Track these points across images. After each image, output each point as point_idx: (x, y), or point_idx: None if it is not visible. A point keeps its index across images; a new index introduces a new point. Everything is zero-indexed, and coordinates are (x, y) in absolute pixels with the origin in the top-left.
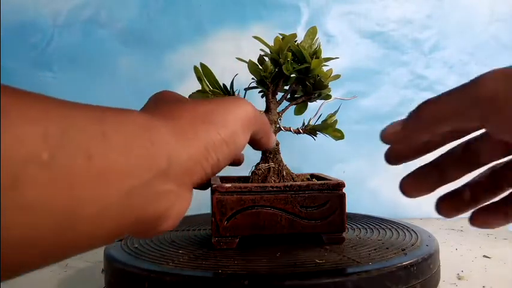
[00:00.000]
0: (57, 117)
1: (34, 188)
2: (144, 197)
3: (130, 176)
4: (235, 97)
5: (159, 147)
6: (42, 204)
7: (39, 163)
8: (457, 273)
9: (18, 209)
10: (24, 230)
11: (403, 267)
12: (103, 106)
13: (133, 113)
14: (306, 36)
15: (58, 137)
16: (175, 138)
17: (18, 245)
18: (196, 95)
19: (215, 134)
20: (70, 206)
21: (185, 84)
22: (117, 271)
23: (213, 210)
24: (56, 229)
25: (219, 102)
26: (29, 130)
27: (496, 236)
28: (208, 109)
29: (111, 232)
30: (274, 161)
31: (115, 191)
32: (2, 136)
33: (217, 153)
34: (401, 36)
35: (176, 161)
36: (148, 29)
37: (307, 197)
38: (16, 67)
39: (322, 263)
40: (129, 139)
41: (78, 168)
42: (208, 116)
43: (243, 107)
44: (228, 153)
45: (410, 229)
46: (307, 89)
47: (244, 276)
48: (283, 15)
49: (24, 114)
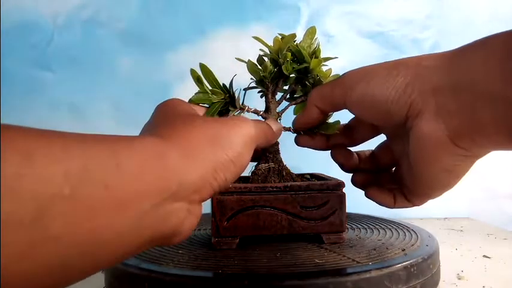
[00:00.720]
0: (76, 155)
1: (58, 219)
2: (156, 218)
3: (143, 201)
4: (238, 118)
5: (170, 171)
6: (66, 234)
7: (61, 197)
8: (457, 273)
9: (45, 239)
10: (51, 258)
11: (403, 267)
12: (117, 136)
13: (144, 140)
14: (305, 36)
15: (78, 173)
16: (185, 160)
17: (46, 273)
18: (196, 97)
19: (222, 155)
20: (91, 233)
21: (185, 84)
22: (117, 271)
23: (213, 210)
24: (78, 256)
25: (224, 124)
26: (52, 170)
27: (496, 236)
28: (216, 131)
29: (128, 252)
30: (274, 161)
31: (130, 216)
32: (29, 177)
33: (225, 173)
34: (401, 36)
35: (186, 182)
36: (148, 29)
37: (307, 197)
38: (16, 67)
39: (322, 263)
40: (141, 167)
41: (96, 198)
42: (216, 138)
43: (245, 128)
44: (234, 171)
45: (410, 229)
46: (306, 88)
47: (244, 276)
48: (282, 15)
49: (47, 155)
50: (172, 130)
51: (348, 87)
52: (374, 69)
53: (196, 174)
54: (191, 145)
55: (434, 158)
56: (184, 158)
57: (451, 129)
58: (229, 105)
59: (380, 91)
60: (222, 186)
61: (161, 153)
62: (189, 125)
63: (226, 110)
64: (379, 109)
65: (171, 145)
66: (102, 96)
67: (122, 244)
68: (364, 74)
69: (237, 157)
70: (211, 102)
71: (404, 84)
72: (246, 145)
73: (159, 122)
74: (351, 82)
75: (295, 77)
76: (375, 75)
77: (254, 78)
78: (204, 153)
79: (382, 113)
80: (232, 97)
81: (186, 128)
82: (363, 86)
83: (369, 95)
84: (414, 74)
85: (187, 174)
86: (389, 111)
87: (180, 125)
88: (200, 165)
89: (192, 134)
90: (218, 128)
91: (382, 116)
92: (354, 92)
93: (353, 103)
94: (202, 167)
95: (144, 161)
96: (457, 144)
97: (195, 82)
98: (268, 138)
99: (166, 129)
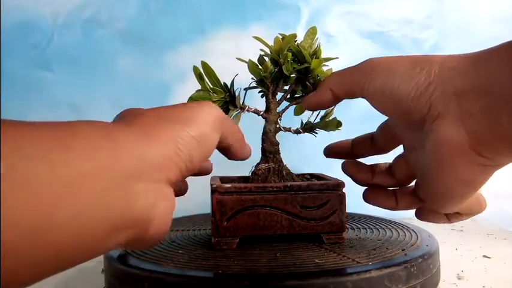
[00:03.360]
0: (11, 137)
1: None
2: (119, 198)
3: (96, 179)
4: (201, 101)
5: (122, 149)
6: (5, 216)
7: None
8: (457, 273)
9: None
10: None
11: (403, 267)
12: (69, 122)
13: (90, 123)
14: (306, 36)
15: (14, 152)
16: (141, 139)
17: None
18: (197, 95)
19: (183, 132)
20: (39, 213)
21: (185, 84)
22: (117, 271)
23: (213, 210)
24: (27, 239)
25: (185, 106)
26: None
27: (496, 236)
28: (173, 111)
29: (97, 237)
30: (274, 161)
31: (84, 194)
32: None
33: (188, 149)
34: (401, 36)
35: (144, 159)
36: (148, 29)
37: (307, 197)
38: (16, 67)
39: (322, 263)
40: (89, 145)
41: (41, 176)
42: (173, 116)
43: (210, 110)
44: (199, 150)
45: (410, 229)
46: (307, 89)
47: (244, 276)
48: (283, 15)
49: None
50: (124, 120)
51: (368, 75)
52: (397, 61)
53: (155, 152)
54: (148, 126)
55: (451, 166)
56: (140, 137)
57: (471, 134)
58: (229, 104)
59: (401, 86)
60: (190, 165)
61: (110, 131)
62: (143, 113)
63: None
64: (398, 104)
65: (123, 126)
66: (102, 96)
67: (81, 225)
68: (387, 65)
69: (201, 135)
70: (211, 100)
71: (427, 82)
72: (209, 124)
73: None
74: (372, 71)
75: (296, 77)
76: (398, 68)
77: (254, 78)
78: (162, 130)
79: (400, 108)
80: (233, 96)
81: (140, 115)
82: (384, 77)
83: (389, 87)
84: (437, 74)
85: (145, 153)
86: (409, 108)
87: (135, 115)
88: (157, 141)
89: (145, 118)
90: (178, 109)
91: (400, 112)
92: (374, 82)
93: (371, 93)
94: (161, 143)
95: (91, 138)
96: (477, 150)
97: (197, 79)
98: (236, 139)
99: (119, 121)
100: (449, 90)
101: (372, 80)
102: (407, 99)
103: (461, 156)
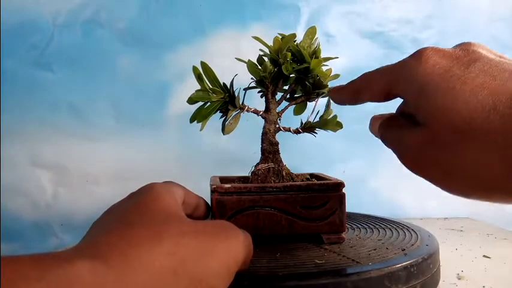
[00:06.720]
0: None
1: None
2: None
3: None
4: (221, 227)
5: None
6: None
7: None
8: (457, 273)
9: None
10: None
11: (403, 267)
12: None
13: (80, 268)
14: (306, 36)
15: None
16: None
17: None
18: (196, 95)
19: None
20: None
21: (185, 84)
22: None
23: (213, 210)
24: None
25: (201, 243)
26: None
27: (496, 236)
28: (186, 252)
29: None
30: (274, 161)
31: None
32: None
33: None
34: (401, 36)
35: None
36: (148, 29)
37: (307, 197)
38: (16, 67)
39: (322, 263)
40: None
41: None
42: (183, 264)
43: (233, 247)
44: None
45: (410, 229)
46: (306, 88)
47: (244, 276)
48: (282, 15)
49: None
50: (128, 248)
51: (423, 91)
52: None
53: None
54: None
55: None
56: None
57: None
58: (228, 104)
59: (463, 109)
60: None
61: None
62: (156, 242)
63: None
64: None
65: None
66: (102, 96)
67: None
68: (447, 83)
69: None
70: (210, 100)
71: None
72: (228, 272)
73: (118, 227)
74: (428, 86)
75: (295, 77)
76: (460, 90)
77: (254, 78)
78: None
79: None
80: (232, 96)
81: (147, 251)
82: (444, 98)
83: (449, 109)
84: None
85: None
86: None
87: (145, 240)
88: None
89: (153, 256)
90: (193, 245)
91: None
92: (431, 101)
93: (421, 111)
94: None
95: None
96: None
97: (196, 79)
98: (249, 258)
99: (121, 243)
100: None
101: (429, 99)
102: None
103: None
